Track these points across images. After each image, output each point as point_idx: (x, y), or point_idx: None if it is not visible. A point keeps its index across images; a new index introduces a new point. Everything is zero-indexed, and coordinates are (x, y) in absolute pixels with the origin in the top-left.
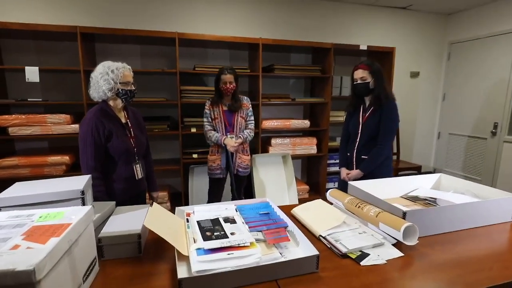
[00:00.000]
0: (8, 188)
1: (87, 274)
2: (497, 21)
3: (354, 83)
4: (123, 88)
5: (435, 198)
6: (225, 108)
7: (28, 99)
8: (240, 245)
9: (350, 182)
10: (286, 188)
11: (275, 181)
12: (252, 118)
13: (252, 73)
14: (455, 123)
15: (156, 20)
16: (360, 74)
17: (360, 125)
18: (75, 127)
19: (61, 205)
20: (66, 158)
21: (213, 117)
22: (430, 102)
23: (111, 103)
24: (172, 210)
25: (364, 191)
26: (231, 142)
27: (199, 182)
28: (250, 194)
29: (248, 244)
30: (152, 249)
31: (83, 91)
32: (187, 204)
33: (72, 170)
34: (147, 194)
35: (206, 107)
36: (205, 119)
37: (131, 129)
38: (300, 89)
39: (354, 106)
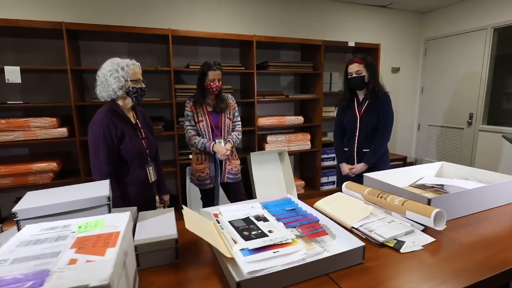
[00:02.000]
0: (22, 199)
1: (134, 286)
2: (469, 19)
3: (349, 77)
4: (134, 86)
5: (442, 185)
6: (209, 109)
7: (8, 102)
8: (283, 242)
9: (366, 174)
10: (284, 185)
11: (273, 178)
12: (239, 118)
13: (246, 70)
14: (434, 115)
15: (144, 17)
16: (355, 68)
17: (358, 120)
18: (62, 131)
19: (86, 213)
20: (53, 165)
21: (196, 119)
22: (410, 96)
23: (120, 102)
24: None
25: (383, 182)
26: (222, 149)
27: None
28: (249, 192)
29: (290, 241)
30: (187, 254)
31: (71, 92)
32: (184, 204)
33: (60, 177)
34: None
35: (187, 108)
36: (187, 122)
37: (142, 130)
38: (290, 86)
39: (348, 100)
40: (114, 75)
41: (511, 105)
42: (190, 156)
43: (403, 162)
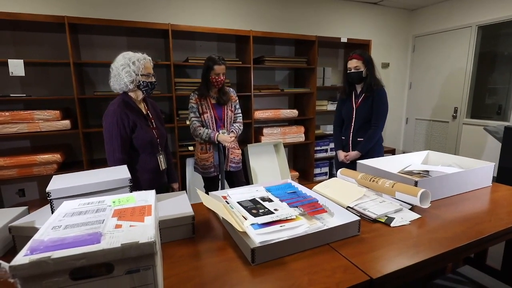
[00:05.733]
0: (52, 181)
1: (161, 255)
2: (455, 17)
3: (348, 72)
4: (144, 80)
5: (428, 171)
6: (213, 102)
7: (11, 95)
8: (288, 218)
9: (359, 161)
10: (280, 175)
11: (269, 168)
12: (240, 110)
13: (243, 64)
14: (421, 109)
15: (142, 11)
16: (354, 63)
17: (354, 111)
18: (65, 123)
19: (110, 194)
20: (57, 156)
21: (201, 111)
22: (399, 91)
23: (131, 94)
24: None
25: (376, 167)
26: (227, 138)
27: (196, 174)
28: (246, 182)
29: (294, 217)
30: (201, 230)
31: (74, 85)
32: None
33: (63, 168)
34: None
35: (192, 100)
36: (192, 114)
37: (152, 120)
38: (285, 80)
39: (347, 93)
40: (125, 69)
41: (492, 100)
42: (190, 148)
43: (392, 154)
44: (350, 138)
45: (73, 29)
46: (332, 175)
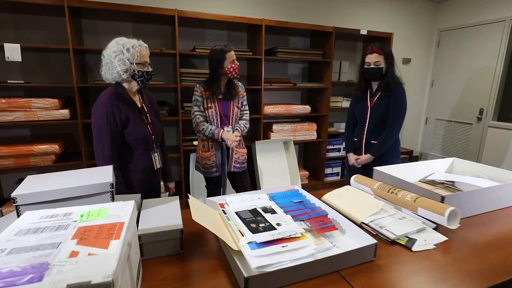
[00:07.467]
0: (23, 183)
1: (138, 278)
2: (485, 10)
3: (365, 67)
4: (140, 69)
5: (453, 182)
6: (219, 96)
7: (8, 81)
8: (292, 236)
9: (376, 168)
10: (288, 174)
11: (277, 167)
12: (247, 107)
13: (254, 56)
14: (442, 109)
15: None
16: (374, 58)
17: (369, 110)
18: (64, 112)
19: (88, 200)
20: (55, 147)
21: (206, 106)
22: (419, 89)
23: (125, 85)
24: None
25: (394, 176)
26: (231, 136)
27: None
28: (252, 181)
29: (299, 235)
30: (192, 245)
31: (74, 73)
32: (188, 192)
33: (62, 160)
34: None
35: (197, 93)
36: (195, 108)
37: (148, 115)
38: (298, 74)
39: (362, 90)
40: (119, 57)
41: None
42: (195, 143)
43: (409, 156)
44: (363, 140)
45: (75, 13)
46: (344, 175)
